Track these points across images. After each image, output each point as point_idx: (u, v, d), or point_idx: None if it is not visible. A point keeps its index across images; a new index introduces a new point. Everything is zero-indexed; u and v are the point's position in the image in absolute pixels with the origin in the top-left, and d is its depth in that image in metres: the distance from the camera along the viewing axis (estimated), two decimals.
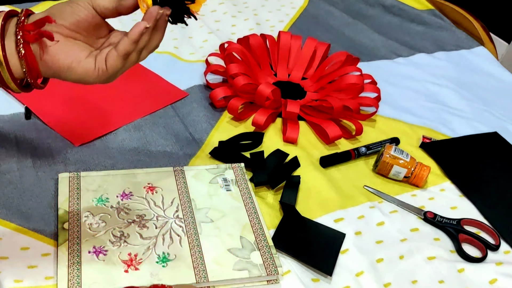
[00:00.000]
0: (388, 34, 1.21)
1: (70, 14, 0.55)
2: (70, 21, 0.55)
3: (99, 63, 0.55)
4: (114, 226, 0.63)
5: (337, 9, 1.28)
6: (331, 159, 0.81)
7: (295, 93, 0.96)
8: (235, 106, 0.85)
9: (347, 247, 0.68)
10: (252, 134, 0.84)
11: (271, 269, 0.60)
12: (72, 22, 0.55)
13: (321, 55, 1.01)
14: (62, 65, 0.55)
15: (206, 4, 1.22)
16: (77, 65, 0.55)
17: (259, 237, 0.64)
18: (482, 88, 1.07)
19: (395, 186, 0.79)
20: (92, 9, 0.56)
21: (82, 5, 0.55)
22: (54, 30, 0.55)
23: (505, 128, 0.95)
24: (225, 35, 1.11)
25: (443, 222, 0.73)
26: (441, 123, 0.94)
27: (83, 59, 0.55)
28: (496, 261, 0.69)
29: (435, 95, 1.02)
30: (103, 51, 0.56)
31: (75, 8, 0.55)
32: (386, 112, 0.94)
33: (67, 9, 0.56)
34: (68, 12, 0.56)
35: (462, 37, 1.22)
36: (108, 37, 0.59)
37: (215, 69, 0.94)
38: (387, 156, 0.79)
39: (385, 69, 1.07)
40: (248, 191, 0.71)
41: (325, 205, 0.73)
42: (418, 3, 1.34)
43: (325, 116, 0.88)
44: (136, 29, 0.55)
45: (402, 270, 0.66)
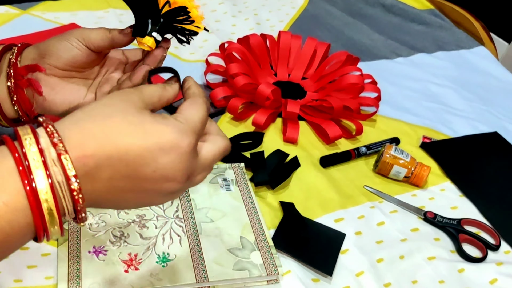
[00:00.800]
0: (388, 34, 1.21)
1: (64, 53, 0.53)
2: (64, 62, 0.53)
3: None
4: (114, 226, 0.63)
5: (337, 9, 1.28)
6: (331, 159, 0.81)
7: (295, 93, 0.96)
8: (235, 106, 0.85)
9: (347, 247, 0.68)
10: (252, 134, 0.84)
11: (271, 269, 0.60)
12: (66, 62, 0.53)
13: (321, 55, 1.01)
14: (60, 109, 0.54)
15: (206, 4, 1.22)
16: (76, 107, 0.54)
17: (259, 237, 0.64)
18: (482, 88, 1.07)
19: (395, 186, 0.79)
20: (85, 47, 0.53)
21: (74, 44, 0.53)
22: (48, 73, 0.53)
23: (505, 128, 0.95)
24: (225, 35, 1.11)
25: (443, 222, 0.73)
26: (442, 123, 0.94)
27: (81, 101, 0.54)
28: (497, 261, 0.69)
29: (435, 95, 1.02)
30: (103, 91, 0.55)
31: (68, 47, 0.53)
32: (386, 112, 0.94)
33: (60, 48, 0.53)
34: (62, 51, 0.53)
35: (462, 37, 1.22)
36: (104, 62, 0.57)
37: (215, 69, 0.94)
38: (387, 156, 0.79)
39: (385, 69, 1.07)
40: (248, 191, 0.71)
41: (325, 205, 0.73)
42: (418, 2, 1.34)
43: (325, 116, 0.88)
44: (140, 73, 0.53)
45: (402, 270, 0.66)
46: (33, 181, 0.35)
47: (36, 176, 0.35)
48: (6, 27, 1.01)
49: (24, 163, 0.35)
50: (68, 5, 1.12)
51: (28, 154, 0.35)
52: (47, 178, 0.35)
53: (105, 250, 0.60)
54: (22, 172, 0.35)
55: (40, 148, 0.36)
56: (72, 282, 0.56)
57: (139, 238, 0.62)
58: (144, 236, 0.62)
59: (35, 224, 0.36)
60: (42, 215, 0.36)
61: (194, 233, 0.64)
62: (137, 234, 0.62)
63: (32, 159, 0.35)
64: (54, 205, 0.36)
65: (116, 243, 0.61)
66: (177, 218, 0.65)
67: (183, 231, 0.64)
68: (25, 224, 0.36)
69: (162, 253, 0.61)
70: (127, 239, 0.61)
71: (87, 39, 0.52)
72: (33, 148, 0.36)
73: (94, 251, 0.59)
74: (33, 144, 0.36)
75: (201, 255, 0.61)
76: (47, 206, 0.35)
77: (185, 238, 0.63)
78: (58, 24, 1.05)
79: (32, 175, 0.35)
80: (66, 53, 0.53)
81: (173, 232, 0.63)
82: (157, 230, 0.63)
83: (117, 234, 0.62)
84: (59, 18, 1.07)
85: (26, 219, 0.36)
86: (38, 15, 1.07)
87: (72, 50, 0.52)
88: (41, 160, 0.35)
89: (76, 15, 1.09)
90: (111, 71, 0.58)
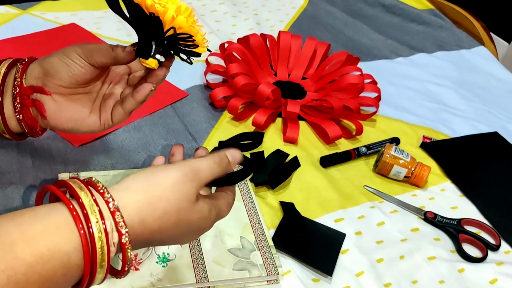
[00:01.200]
0: (388, 34, 1.21)
1: (67, 72, 0.52)
2: (68, 81, 0.53)
3: (104, 119, 0.56)
4: None
5: (337, 9, 1.28)
6: (331, 159, 0.81)
7: (295, 93, 0.96)
8: (235, 106, 0.85)
9: (347, 247, 0.68)
10: (252, 134, 0.84)
11: (271, 269, 0.60)
12: (70, 81, 0.53)
13: (321, 55, 1.01)
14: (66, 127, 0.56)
15: (206, 4, 1.22)
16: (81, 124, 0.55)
17: (259, 237, 0.64)
18: (482, 88, 1.07)
19: (396, 186, 0.79)
20: (89, 65, 0.53)
21: (76, 61, 0.52)
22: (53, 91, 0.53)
23: (505, 128, 0.95)
24: (225, 35, 1.11)
25: (443, 222, 0.73)
26: (441, 123, 0.94)
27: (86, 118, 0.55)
28: (497, 261, 0.69)
29: (435, 95, 1.02)
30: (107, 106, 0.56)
31: (71, 66, 0.52)
32: (386, 112, 0.94)
33: (63, 67, 0.52)
34: (64, 70, 0.52)
35: (462, 37, 1.22)
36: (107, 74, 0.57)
37: (215, 69, 0.94)
38: (387, 156, 0.79)
39: (385, 69, 1.07)
40: (248, 191, 0.71)
41: (325, 205, 0.73)
42: (418, 2, 1.34)
43: (325, 116, 0.88)
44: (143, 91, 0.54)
45: (402, 270, 0.66)
46: (90, 228, 0.38)
47: (92, 222, 0.39)
48: (6, 27, 1.01)
49: (80, 214, 0.39)
50: (68, 5, 1.12)
51: (86, 205, 0.39)
52: (102, 224, 0.39)
53: None
54: (77, 219, 0.38)
55: (97, 203, 0.40)
56: None
57: None
58: None
59: (85, 265, 0.39)
60: (95, 254, 0.39)
61: None
62: None
63: (89, 210, 0.39)
64: (106, 244, 0.39)
65: None
66: None
67: None
68: (75, 276, 0.39)
69: (162, 253, 0.60)
70: None
71: (89, 55, 0.52)
72: (89, 201, 0.40)
73: None
74: (90, 198, 0.40)
75: (201, 255, 0.61)
76: (100, 246, 0.39)
77: None
78: (58, 24, 1.05)
79: (90, 223, 0.38)
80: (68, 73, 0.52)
81: None
82: None
83: None
84: (59, 18, 1.07)
85: (78, 272, 0.39)
86: (38, 15, 1.07)
87: (75, 68, 0.52)
88: (97, 210, 0.39)
89: (76, 15, 1.09)
90: (114, 83, 0.59)
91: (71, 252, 0.38)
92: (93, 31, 1.04)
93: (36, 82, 0.54)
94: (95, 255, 0.38)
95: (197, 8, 1.19)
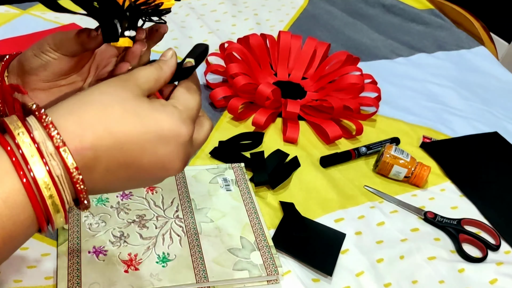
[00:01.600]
0: (388, 34, 1.21)
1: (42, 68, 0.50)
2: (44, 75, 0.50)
3: None
4: (114, 226, 0.63)
5: (337, 9, 1.28)
6: (331, 159, 0.81)
7: (295, 93, 0.96)
8: (235, 106, 0.85)
9: (347, 247, 0.68)
10: (252, 134, 0.84)
11: (271, 269, 0.60)
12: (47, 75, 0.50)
13: (321, 55, 1.01)
14: None
15: (206, 4, 1.22)
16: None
17: (259, 237, 0.64)
18: (482, 88, 1.07)
19: (396, 186, 0.79)
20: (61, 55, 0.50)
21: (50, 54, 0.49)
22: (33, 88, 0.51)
23: (505, 128, 0.95)
24: (225, 35, 1.11)
25: (443, 222, 0.73)
26: (441, 123, 0.94)
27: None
28: (497, 261, 0.69)
29: (435, 95, 1.02)
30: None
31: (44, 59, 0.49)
32: (386, 112, 0.94)
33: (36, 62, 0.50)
34: (39, 65, 0.50)
35: (462, 37, 1.22)
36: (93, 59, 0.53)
37: (215, 69, 0.94)
38: (387, 156, 0.79)
39: (385, 69, 1.07)
40: (248, 191, 0.71)
41: (325, 205, 0.73)
42: (418, 2, 1.34)
43: (325, 116, 0.88)
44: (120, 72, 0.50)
45: (402, 270, 0.66)
46: (31, 171, 0.35)
47: (33, 167, 0.35)
48: (6, 27, 1.01)
49: (18, 156, 0.35)
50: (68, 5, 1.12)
51: (22, 146, 0.35)
52: (45, 166, 0.35)
53: (105, 250, 0.60)
54: (17, 164, 0.35)
55: (35, 141, 0.35)
56: (72, 282, 0.56)
57: (139, 238, 0.62)
58: (144, 236, 0.62)
59: (37, 215, 0.36)
60: (45, 204, 0.35)
61: (194, 233, 0.64)
62: (137, 234, 0.62)
63: (27, 152, 0.35)
64: (56, 192, 0.36)
65: (116, 243, 0.61)
66: (177, 218, 0.65)
67: (183, 231, 0.64)
68: (26, 217, 0.36)
69: (162, 253, 0.60)
70: (127, 239, 0.61)
71: (60, 45, 0.49)
72: (26, 139, 0.35)
73: (94, 251, 0.59)
74: (26, 136, 0.35)
75: (201, 255, 0.61)
76: (48, 195, 0.35)
77: (185, 238, 0.63)
78: (58, 24, 1.05)
79: (29, 166, 0.35)
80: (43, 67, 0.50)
81: (173, 232, 0.63)
82: (157, 230, 0.63)
83: (117, 234, 0.62)
84: (59, 18, 1.07)
85: (27, 212, 0.35)
86: (38, 15, 1.07)
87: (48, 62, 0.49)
88: (36, 151, 0.35)
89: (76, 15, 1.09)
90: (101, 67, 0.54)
91: (11, 192, 0.35)
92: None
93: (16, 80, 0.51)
94: (44, 202, 0.35)
95: (197, 8, 1.19)
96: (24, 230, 0.36)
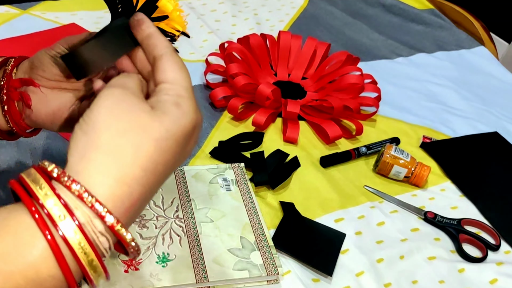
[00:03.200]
0: (388, 34, 1.21)
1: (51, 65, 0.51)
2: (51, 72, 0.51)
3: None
4: None
5: (337, 9, 1.28)
6: (331, 159, 0.81)
7: (295, 93, 0.96)
8: (235, 106, 0.85)
9: (347, 247, 0.68)
10: (252, 134, 0.84)
11: (271, 269, 0.60)
12: (54, 73, 0.51)
13: (321, 55, 1.01)
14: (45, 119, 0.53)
15: (206, 4, 1.22)
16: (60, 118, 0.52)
17: (259, 237, 0.64)
18: (482, 88, 1.07)
19: (396, 186, 0.79)
20: None
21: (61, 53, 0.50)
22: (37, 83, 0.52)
23: (505, 128, 0.95)
24: (225, 35, 1.11)
25: (443, 222, 0.73)
26: (442, 123, 0.94)
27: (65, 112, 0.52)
28: (497, 261, 0.69)
29: (435, 95, 1.02)
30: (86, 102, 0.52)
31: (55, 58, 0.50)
32: (387, 112, 0.94)
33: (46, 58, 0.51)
34: (48, 63, 0.51)
35: (462, 37, 1.22)
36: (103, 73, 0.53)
37: (215, 69, 0.94)
38: (387, 156, 0.79)
39: (385, 69, 1.07)
40: (248, 191, 0.71)
41: (325, 205, 0.73)
42: (418, 2, 1.34)
43: (325, 116, 0.88)
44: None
45: (403, 270, 0.66)
46: (67, 241, 0.32)
47: (67, 235, 0.33)
48: (6, 27, 1.01)
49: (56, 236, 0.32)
50: (68, 5, 1.12)
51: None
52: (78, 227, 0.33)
53: None
54: (47, 233, 0.32)
55: (81, 227, 0.33)
56: None
57: (139, 238, 0.62)
58: (144, 236, 0.62)
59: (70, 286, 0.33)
60: (85, 273, 0.33)
61: (194, 233, 0.64)
62: (137, 234, 0.62)
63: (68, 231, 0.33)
64: (96, 258, 0.34)
65: None
66: (177, 218, 0.65)
67: (183, 231, 0.64)
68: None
69: (162, 253, 0.60)
70: None
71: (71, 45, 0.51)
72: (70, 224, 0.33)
73: None
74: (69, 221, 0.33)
75: (201, 255, 0.61)
76: (88, 261, 0.33)
77: (185, 238, 0.63)
78: (58, 24, 1.05)
79: (63, 234, 0.32)
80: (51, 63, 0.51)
81: (173, 232, 0.63)
82: (157, 230, 0.63)
83: None
84: (59, 18, 1.07)
85: (55, 283, 0.33)
86: (38, 15, 1.07)
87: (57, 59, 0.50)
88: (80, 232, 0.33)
89: (76, 15, 1.09)
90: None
91: (39, 264, 0.32)
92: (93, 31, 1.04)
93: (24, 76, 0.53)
94: (77, 258, 0.33)
95: (197, 8, 1.19)
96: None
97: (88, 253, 0.33)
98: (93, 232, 0.33)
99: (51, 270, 0.32)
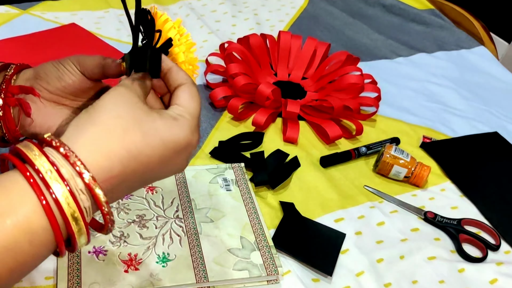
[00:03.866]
0: (388, 34, 1.21)
1: (56, 79, 0.51)
2: (55, 86, 0.51)
3: None
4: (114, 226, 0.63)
5: (337, 9, 1.28)
6: (331, 159, 0.81)
7: (295, 93, 0.96)
8: (235, 106, 0.85)
9: (347, 247, 0.68)
10: (252, 134, 0.84)
11: (271, 269, 0.60)
12: (58, 87, 0.51)
13: (321, 55, 1.01)
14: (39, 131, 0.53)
15: (206, 4, 1.22)
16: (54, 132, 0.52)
17: (259, 237, 0.64)
18: (483, 88, 1.07)
19: (396, 186, 0.79)
20: (80, 73, 0.51)
21: (69, 69, 0.51)
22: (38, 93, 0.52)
23: (505, 128, 0.95)
24: (225, 35, 1.11)
25: (443, 222, 0.73)
26: (442, 123, 0.94)
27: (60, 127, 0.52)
28: (497, 261, 0.69)
29: (435, 95, 1.02)
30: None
31: (62, 73, 0.51)
32: (387, 112, 0.94)
33: (53, 72, 0.51)
34: (54, 76, 0.51)
35: (462, 37, 1.22)
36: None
37: (215, 69, 0.94)
38: (387, 156, 0.79)
39: (385, 69, 1.07)
40: (248, 191, 0.71)
41: (325, 205, 0.73)
42: (418, 2, 1.34)
43: (325, 116, 0.88)
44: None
45: (403, 270, 0.66)
46: (53, 194, 0.36)
47: (53, 186, 0.37)
48: (6, 27, 1.01)
49: (39, 182, 0.37)
50: (68, 5, 1.12)
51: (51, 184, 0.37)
52: (65, 186, 0.37)
53: (105, 250, 0.60)
54: (35, 186, 0.36)
55: (64, 178, 0.37)
56: (72, 282, 0.56)
57: (139, 238, 0.62)
58: (144, 236, 0.62)
59: (56, 239, 0.37)
60: (68, 224, 0.37)
61: (194, 233, 0.64)
62: (137, 234, 0.62)
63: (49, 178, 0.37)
64: (82, 223, 0.38)
65: (116, 243, 0.61)
66: (177, 218, 0.65)
67: (183, 231, 0.64)
68: (45, 240, 0.37)
69: (162, 253, 0.60)
70: (127, 239, 0.61)
71: (82, 63, 0.51)
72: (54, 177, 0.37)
73: (94, 251, 0.59)
74: (55, 175, 0.37)
75: (201, 255, 0.61)
76: (71, 213, 0.37)
77: (185, 238, 0.63)
78: (58, 24, 1.05)
79: (51, 189, 0.36)
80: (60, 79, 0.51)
81: (173, 232, 0.63)
82: (157, 230, 0.63)
83: (117, 234, 0.62)
84: (59, 18, 1.07)
85: (46, 234, 0.37)
86: (38, 15, 1.07)
87: (64, 74, 0.51)
88: (62, 182, 0.37)
89: (76, 15, 1.09)
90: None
91: (31, 216, 0.36)
92: (93, 31, 1.04)
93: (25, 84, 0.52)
94: (61, 209, 0.36)
95: (197, 8, 1.19)
96: (41, 253, 0.38)
97: (71, 205, 0.37)
98: (75, 189, 0.37)
99: (42, 222, 0.36)
